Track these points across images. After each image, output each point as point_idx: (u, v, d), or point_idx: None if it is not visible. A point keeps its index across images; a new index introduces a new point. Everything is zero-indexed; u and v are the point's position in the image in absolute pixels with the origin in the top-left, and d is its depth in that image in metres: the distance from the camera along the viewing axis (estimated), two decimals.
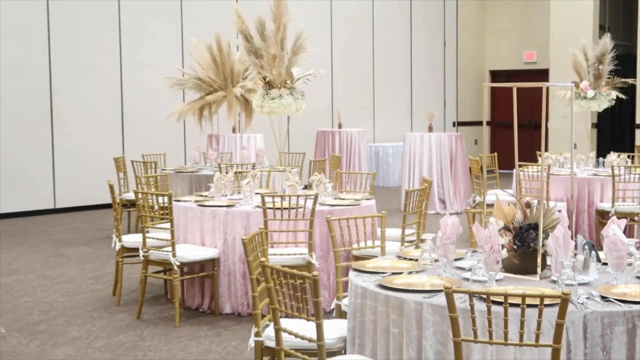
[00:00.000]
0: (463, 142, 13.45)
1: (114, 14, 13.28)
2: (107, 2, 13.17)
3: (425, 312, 3.48)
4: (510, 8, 20.24)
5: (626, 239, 3.98)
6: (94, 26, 13.05)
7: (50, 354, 5.68)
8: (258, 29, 7.51)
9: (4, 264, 8.68)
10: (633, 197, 9.37)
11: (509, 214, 4.03)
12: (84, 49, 12.92)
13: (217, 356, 5.60)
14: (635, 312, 3.38)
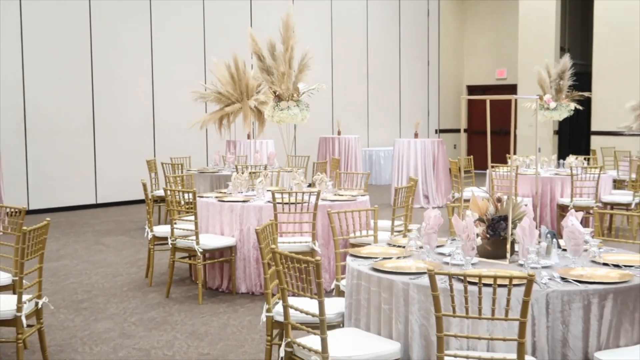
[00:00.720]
0: (444, 146, 13.44)
1: (147, 37, 13.29)
2: (141, 28, 13.16)
3: (411, 291, 3.50)
4: (484, 32, 20.24)
5: (582, 229, 3.99)
6: (130, 47, 13.06)
7: (92, 327, 5.70)
8: (269, 50, 7.53)
9: (53, 251, 8.70)
10: (588, 193, 9.38)
11: (483, 208, 4.05)
12: (121, 67, 12.93)
13: (234, 329, 5.62)
14: (590, 291, 3.39)
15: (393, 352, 3.46)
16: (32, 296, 4.46)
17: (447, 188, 12.97)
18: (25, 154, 11.87)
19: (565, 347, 3.38)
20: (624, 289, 3.45)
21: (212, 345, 5.23)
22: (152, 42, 13.40)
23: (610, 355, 3.33)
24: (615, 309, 3.42)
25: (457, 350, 3.26)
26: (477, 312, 3.07)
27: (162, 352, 5.09)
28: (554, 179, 9.80)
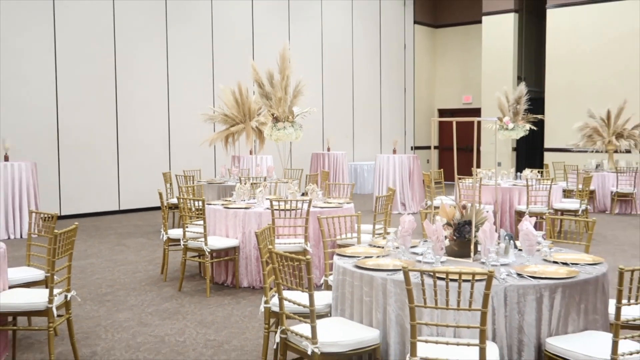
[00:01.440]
0: (418, 161, 13.47)
1: (164, 67, 13.29)
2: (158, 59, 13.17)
3: (389, 285, 3.51)
4: (452, 63, 20.34)
5: (535, 232, 4.00)
6: (149, 75, 13.06)
7: (114, 316, 5.67)
8: (268, 78, 7.54)
9: (81, 251, 8.66)
10: (542, 201, 9.43)
11: (450, 214, 4.06)
12: (140, 92, 12.93)
13: (237, 319, 5.60)
14: (542, 285, 3.41)
15: (373, 338, 3.47)
16: (62, 290, 4.44)
17: (421, 197, 13.00)
18: (58, 168, 11.83)
19: (521, 334, 3.39)
20: (571, 283, 3.47)
21: (218, 332, 5.22)
22: (168, 71, 13.40)
23: (559, 341, 3.34)
24: (564, 301, 3.44)
25: (428, 337, 3.25)
26: (445, 304, 3.08)
27: (175, 339, 5.07)
28: (512, 189, 9.86)
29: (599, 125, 13.49)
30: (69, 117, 11.92)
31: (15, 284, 4.78)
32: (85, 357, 4.66)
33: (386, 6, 18.68)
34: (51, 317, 4.22)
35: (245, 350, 4.78)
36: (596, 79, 16.43)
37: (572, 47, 16.86)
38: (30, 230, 5.34)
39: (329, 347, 3.36)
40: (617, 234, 10.20)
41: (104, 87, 12.42)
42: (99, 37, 12.32)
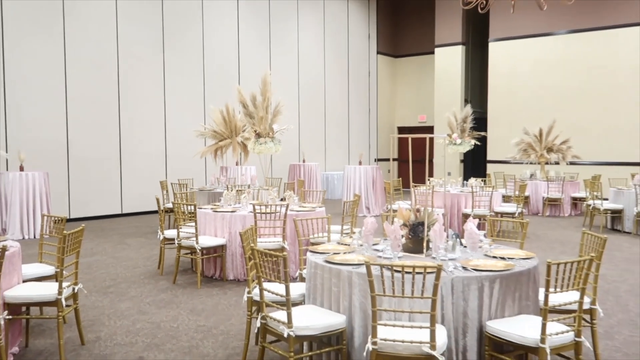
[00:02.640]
0: (380, 171, 13.55)
1: (161, 89, 13.22)
2: (156, 83, 13.11)
3: (354, 277, 3.52)
4: (409, 88, 20.51)
5: (478, 231, 4.06)
6: (148, 96, 12.98)
7: (116, 306, 5.62)
8: (252, 100, 7.54)
9: (87, 249, 8.56)
10: (484, 205, 9.54)
11: (407, 216, 4.09)
12: (141, 110, 12.84)
13: (224, 307, 5.57)
14: (483, 277, 3.45)
15: (340, 322, 3.48)
16: (70, 283, 4.40)
17: (383, 201, 13.07)
18: (68, 176, 11.68)
19: (465, 318, 3.43)
20: (507, 275, 3.51)
21: (207, 319, 5.19)
22: (165, 93, 13.33)
23: (498, 323, 3.38)
24: (501, 290, 3.48)
25: (387, 321, 3.28)
26: (401, 293, 3.11)
27: (169, 324, 5.03)
28: (460, 195, 9.95)
29: (533, 141, 13.71)
30: (77, 133, 11.79)
31: (29, 278, 4.73)
32: (91, 341, 4.61)
33: (353, 39, 18.80)
34: (60, 307, 4.17)
35: (230, 335, 4.77)
36: (530, 102, 16.71)
37: (510, 75, 17.13)
38: (43, 231, 5.28)
39: (303, 331, 3.37)
40: (547, 233, 10.35)
41: (109, 107, 12.31)
42: (104, 63, 12.21)
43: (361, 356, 3.46)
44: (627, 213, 10.42)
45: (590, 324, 3.96)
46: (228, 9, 14.71)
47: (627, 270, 7.28)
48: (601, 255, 3.83)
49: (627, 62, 15.36)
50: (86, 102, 11.90)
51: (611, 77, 15.60)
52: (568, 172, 14.47)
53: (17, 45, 10.88)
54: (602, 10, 15.61)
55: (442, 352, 3.14)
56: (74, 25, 11.67)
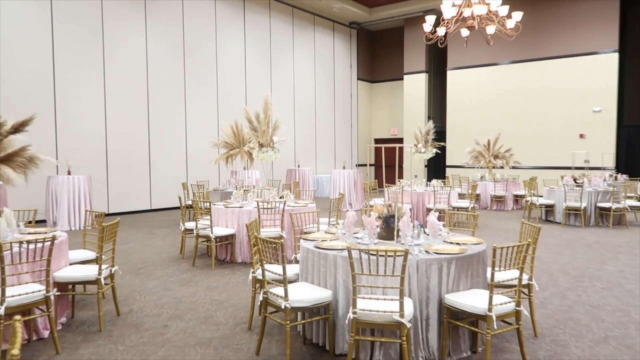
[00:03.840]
0: (360, 174, 13.55)
1: (182, 107, 13.16)
2: (179, 102, 13.05)
3: (338, 259, 3.51)
4: (384, 106, 20.54)
5: (438, 222, 4.07)
6: (172, 113, 12.91)
7: (145, 284, 5.57)
8: (256, 117, 7.52)
9: (122, 238, 8.48)
10: (444, 201, 9.55)
11: (381, 210, 4.09)
12: (166, 125, 12.76)
13: (233, 284, 5.55)
14: (442, 258, 3.45)
15: (327, 296, 3.47)
16: (108, 266, 4.35)
17: (362, 198, 13.07)
18: (107, 178, 11.58)
19: (428, 292, 3.43)
20: (461, 257, 3.52)
21: (220, 294, 5.16)
22: (186, 110, 13.26)
23: (454, 296, 3.39)
24: (457, 269, 3.49)
25: (365, 295, 3.27)
26: (376, 272, 3.11)
27: (189, 299, 5.00)
28: (424, 193, 9.96)
29: (482, 149, 13.76)
30: (114, 144, 11.69)
31: (74, 262, 4.69)
32: (125, 312, 4.56)
33: (338, 67, 18.80)
34: (100, 285, 4.13)
35: (239, 307, 4.74)
36: (480, 118, 16.78)
37: (465, 97, 17.20)
38: (86, 223, 5.23)
39: (297, 303, 3.36)
40: (494, 223, 10.40)
41: (140, 123, 12.23)
42: (136, 88, 12.12)
43: (344, 323, 3.46)
44: (558, 207, 10.49)
45: (528, 296, 3.98)
46: (237, 42, 14.66)
47: (557, 253, 7.32)
48: (536, 240, 3.85)
49: (554, 87, 15.48)
50: (121, 119, 11.81)
51: (543, 98, 15.71)
52: (511, 174, 14.55)
53: (66, 74, 10.78)
54: (535, 45, 15.72)
55: (409, 320, 3.14)
56: (112, 57, 11.58)
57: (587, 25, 14.91)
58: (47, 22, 10.53)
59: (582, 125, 15.10)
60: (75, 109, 10.98)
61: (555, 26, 15.44)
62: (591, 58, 14.87)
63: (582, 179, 10.89)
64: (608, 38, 14.63)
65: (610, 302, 4.90)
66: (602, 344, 3.82)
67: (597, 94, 14.83)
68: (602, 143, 14.75)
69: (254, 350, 3.67)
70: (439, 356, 3.44)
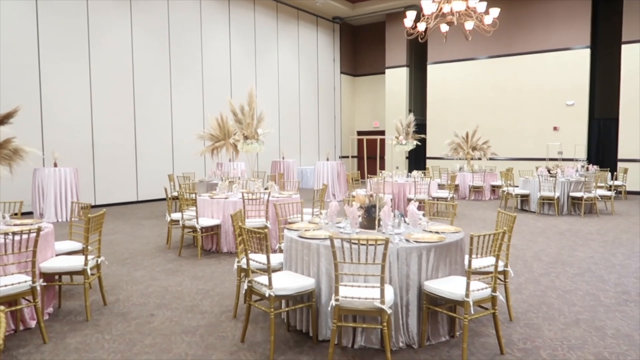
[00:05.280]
0: (344, 166, 13.56)
1: (168, 99, 12.98)
2: (164, 93, 12.86)
3: (321, 248, 3.50)
4: (366, 100, 20.53)
5: (418, 212, 4.08)
6: (158, 107, 12.72)
7: (132, 274, 5.51)
8: (240, 109, 7.45)
9: (110, 229, 8.38)
10: (424, 191, 9.61)
11: (363, 200, 4.08)
12: (153, 118, 12.58)
13: (219, 273, 5.52)
14: (421, 247, 3.46)
15: (310, 284, 3.46)
16: (94, 256, 4.29)
17: (345, 189, 13.08)
18: (93, 170, 11.40)
19: (408, 279, 3.44)
20: (440, 245, 3.54)
21: (206, 283, 5.13)
22: (172, 103, 13.08)
23: (433, 283, 3.41)
24: (436, 256, 3.50)
25: (347, 282, 3.28)
26: (358, 260, 3.11)
27: (175, 288, 4.96)
28: (405, 183, 10.00)
29: (461, 141, 13.86)
30: (101, 135, 11.50)
31: (61, 253, 4.61)
32: (112, 302, 4.51)
33: (321, 60, 18.72)
34: (86, 275, 4.07)
35: (224, 295, 4.72)
36: (459, 111, 16.89)
37: (444, 91, 17.28)
38: (72, 215, 5.15)
39: (280, 291, 3.35)
40: (472, 213, 10.51)
41: (126, 116, 12.03)
42: (122, 81, 11.92)
43: (327, 310, 3.46)
44: (533, 197, 10.64)
45: (503, 282, 4.03)
46: (222, 36, 14.49)
47: (532, 241, 7.43)
48: (512, 229, 3.89)
49: (530, 81, 15.64)
50: (108, 112, 11.61)
51: (519, 92, 15.86)
52: (488, 165, 14.70)
53: (51, 66, 10.55)
54: (511, 40, 15.83)
55: (389, 306, 3.15)
56: (98, 49, 11.36)
57: (561, 22, 15.07)
58: (32, 14, 10.27)
59: (555, 118, 15.30)
60: (61, 102, 10.76)
61: (530, 22, 15.56)
62: (564, 54, 15.04)
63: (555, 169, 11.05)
64: (580, 34, 14.81)
65: (581, 286, 5.00)
66: (573, 327, 3.89)
67: (570, 88, 15.02)
68: (574, 135, 14.97)
69: (239, 338, 3.66)
70: (418, 341, 3.47)
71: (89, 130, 11.31)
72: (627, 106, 14.24)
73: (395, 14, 17.91)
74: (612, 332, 3.79)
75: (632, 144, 14.19)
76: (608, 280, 5.23)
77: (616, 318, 4.10)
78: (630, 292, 4.80)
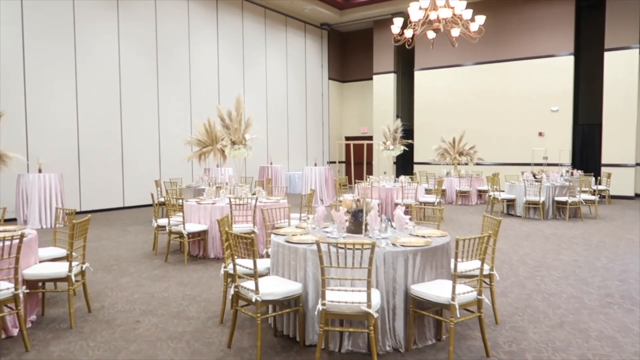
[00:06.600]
0: (332, 171, 13.58)
1: (155, 105, 12.91)
2: (152, 101, 12.79)
3: (308, 253, 3.50)
4: (354, 106, 20.61)
5: (404, 216, 4.10)
6: (145, 112, 12.64)
7: (118, 281, 5.45)
8: (228, 115, 7.44)
9: (95, 236, 8.29)
10: (411, 196, 9.65)
11: (350, 205, 4.09)
12: (140, 122, 12.50)
13: (206, 279, 5.48)
14: (408, 251, 3.48)
15: (297, 289, 3.45)
16: (79, 263, 4.24)
17: (334, 194, 13.09)
18: (79, 177, 11.27)
19: (395, 282, 3.45)
20: (426, 249, 3.55)
21: (193, 289, 5.09)
22: (159, 109, 13.01)
23: (419, 287, 3.42)
24: (422, 260, 3.52)
25: (334, 287, 3.28)
26: (344, 264, 3.11)
27: (161, 294, 4.91)
28: (393, 188, 10.05)
29: (448, 147, 13.97)
30: (87, 142, 11.39)
31: (45, 259, 4.55)
32: (96, 309, 4.45)
33: (309, 67, 18.78)
34: (70, 282, 4.02)
35: (211, 301, 4.69)
36: (446, 117, 17.03)
37: (431, 96, 17.42)
38: (57, 221, 5.08)
39: (267, 296, 3.34)
40: (459, 217, 10.58)
41: (113, 121, 11.94)
42: (109, 86, 11.84)
43: (314, 315, 3.45)
44: (518, 201, 10.74)
45: (489, 286, 4.06)
46: (210, 42, 14.47)
47: (517, 245, 7.50)
48: (497, 232, 3.92)
49: (515, 88, 15.83)
50: (94, 118, 11.51)
51: (504, 98, 16.05)
52: (475, 170, 14.83)
53: (37, 71, 10.44)
54: (497, 47, 16.04)
55: (376, 310, 3.15)
56: (84, 55, 11.27)
57: (545, 29, 15.30)
58: (18, 20, 10.17)
59: (541, 123, 15.49)
60: (47, 108, 10.65)
61: (516, 30, 15.78)
62: (549, 60, 15.26)
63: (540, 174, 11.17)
64: (564, 42, 15.04)
65: (566, 290, 5.05)
66: (557, 329, 3.93)
67: (555, 94, 15.24)
68: (559, 140, 15.17)
69: (225, 343, 3.64)
70: (405, 344, 3.47)
71: (75, 136, 11.20)
72: (610, 112, 14.48)
73: (383, 20, 18.04)
74: (596, 334, 3.84)
75: (615, 149, 14.42)
76: (592, 283, 5.29)
77: (600, 320, 4.14)
78: (613, 295, 4.86)
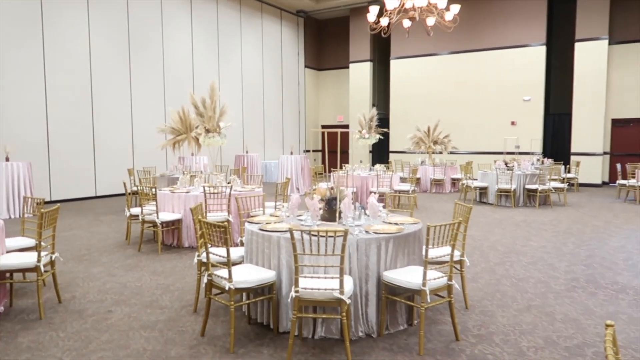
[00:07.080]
0: (308, 159, 13.58)
1: (128, 92, 12.63)
2: (124, 86, 12.51)
3: (281, 241, 3.51)
4: (330, 94, 20.59)
5: (378, 204, 4.14)
6: (117, 99, 12.37)
7: (89, 271, 5.37)
8: (202, 102, 7.35)
9: (66, 225, 8.12)
10: (387, 185, 9.74)
11: (324, 193, 4.11)
12: (112, 110, 12.22)
13: (180, 268, 5.44)
14: (380, 238, 3.51)
15: (271, 276, 3.46)
16: (48, 253, 4.16)
17: (309, 183, 13.10)
18: (49, 165, 10.99)
19: (367, 269, 3.49)
20: (399, 236, 3.60)
21: (166, 278, 5.05)
22: (132, 96, 12.74)
23: (392, 273, 3.46)
24: (394, 247, 3.56)
25: (307, 274, 3.30)
26: (317, 251, 3.13)
27: (134, 284, 4.86)
28: (368, 177, 10.11)
29: (423, 136, 14.10)
30: (56, 129, 11.09)
31: (12, 249, 4.45)
32: (67, 299, 4.38)
33: (285, 54, 18.64)
34: (39, 272, 3.94)
35: (185, 290, 4.66)
36: (421, 106, 17.17)
37: (406, 85, 17.52)
38: (25, 210, 4.96)
39: (241, 284, 3.34)
40: (432, 205, 10.72)
41: (83, 108, 11.64)
42: (79, 72, 11.52)
43: (287, 302, 3.47)
44: (491, 189, 10.95)
45: (460, 271, 4.14)
46: (183, 27, 14.20)
47: (489, 232, 7.66)
48: (467, 219, 3.99)
49: (489, 77, 16.05)
50: (64, 104, 11.20)
51: (478, 88, 16.26)
52: (449, 159, 15.02)
53: (2, 59, 10.08)
54: (471, 37, 16.20)
55: (349, 296, 3.19)
56: (52, 39, 10.93)
57: (518, 20, 15.51)
58: None
59: (513, 113, 15.77)
60: (13, 94, 10.31)
61: (489, 20, 15.95)
62: (522, 50, 15.50)
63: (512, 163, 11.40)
64: (536, 32, 15.29)
65: (534, 274, 5.20)
66: (525, 313, 4.05)
67: (527, 84, 15.51)
68: (531, 130, 15.48)
69: (199, 332, 3.63)
70: (377, 330, 3.53)
71: (44, 124, 10.90)
72: (579, 102, 14.83)
73: (359, 8, 17.99)
74: (561, 317, 3.97)
75: (583, 138, 14.80)
76: (559, 268, 5.45)
77: (565, 304, 4.29)
78: (578, 279, 5.03)
